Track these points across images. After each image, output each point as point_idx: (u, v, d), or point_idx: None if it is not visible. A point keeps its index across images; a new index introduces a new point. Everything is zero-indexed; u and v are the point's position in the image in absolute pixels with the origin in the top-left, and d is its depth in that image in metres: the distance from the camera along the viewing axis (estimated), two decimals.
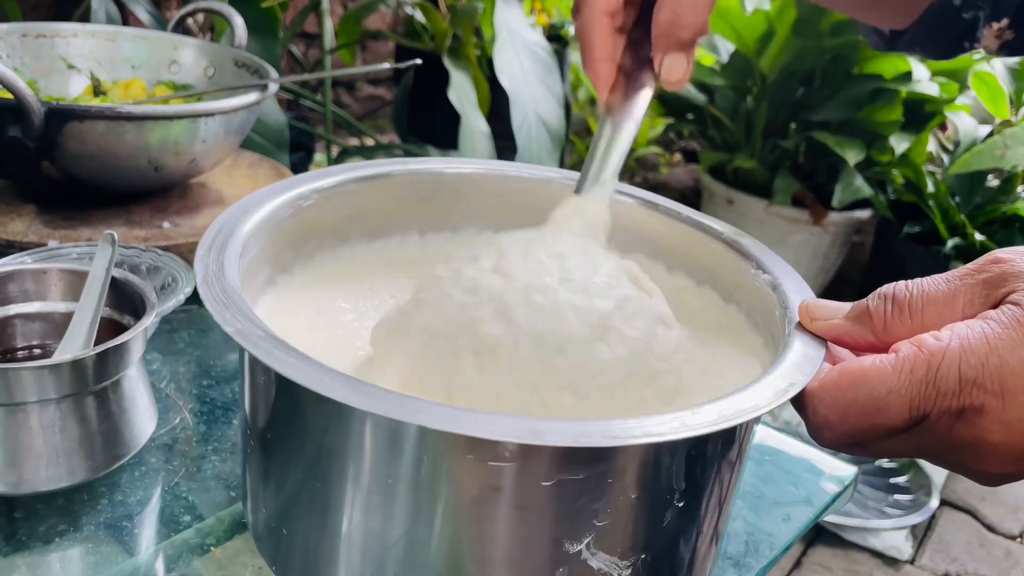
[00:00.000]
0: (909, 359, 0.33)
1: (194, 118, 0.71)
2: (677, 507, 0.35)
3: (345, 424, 0.33)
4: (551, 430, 0.30)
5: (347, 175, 0.49)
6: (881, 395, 0.33)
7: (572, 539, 0.33)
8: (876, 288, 0.37)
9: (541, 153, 1.49)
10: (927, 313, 0.35)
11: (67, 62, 0.86)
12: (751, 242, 0.47)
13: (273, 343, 0.32)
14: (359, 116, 2.63)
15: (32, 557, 0.42)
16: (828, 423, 0.35)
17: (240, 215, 0.42)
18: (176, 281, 0.57)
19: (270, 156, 1.12)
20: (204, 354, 0.62)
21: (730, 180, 2.21)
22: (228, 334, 0.32)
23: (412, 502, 0.33)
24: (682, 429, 0.31)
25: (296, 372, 0.30)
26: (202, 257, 0.37)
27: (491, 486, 0.32)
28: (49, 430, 0.42)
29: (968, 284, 0.35)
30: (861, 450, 0.36)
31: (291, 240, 0.47)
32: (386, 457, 0.33)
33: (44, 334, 0.50)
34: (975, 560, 1.51)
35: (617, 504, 0.33)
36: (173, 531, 0.45)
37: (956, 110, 1.95)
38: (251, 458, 0.39)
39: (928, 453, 0.35)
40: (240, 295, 0.35)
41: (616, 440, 0.30)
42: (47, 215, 0.72)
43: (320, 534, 0.36)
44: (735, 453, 0.37)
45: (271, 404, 0.36)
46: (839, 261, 2.22)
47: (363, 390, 0.30)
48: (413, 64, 0.91)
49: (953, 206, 1.89)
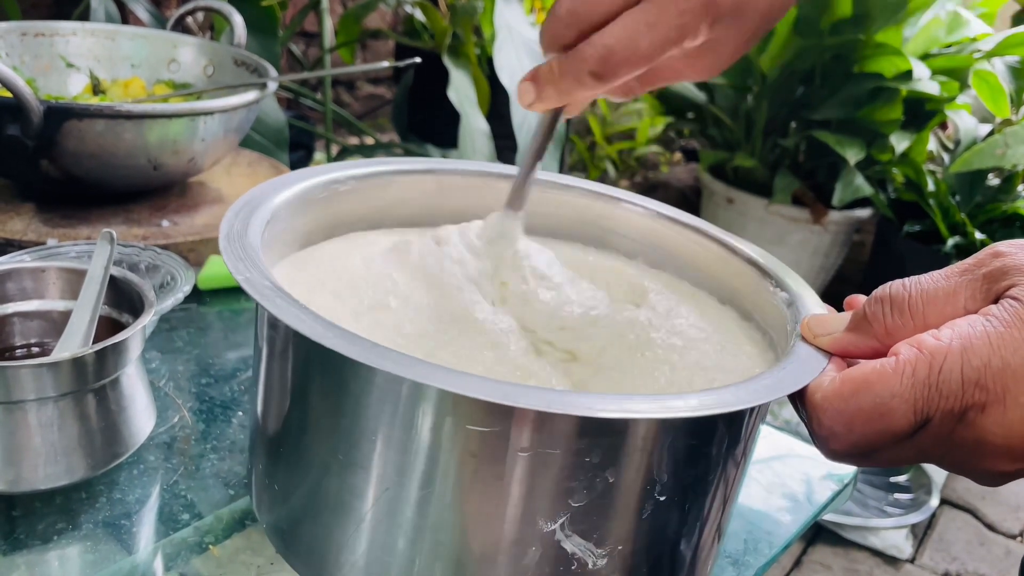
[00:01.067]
0: (910, 361, 0.32)
1: (193, 117, 0.71)
2: (658, 500, 0.34)
3: (332, 372, 0.34)
4: (525, 395, 0.30)
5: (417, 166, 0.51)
6: (884, 400, 0.32)
7: (547, 517, 0.33)
8: (875, 287, 0.37)
9: None
10: (928, 312, 0.35)
11: (66, 61, 0.86)
12: (773, 261, 0.47)
13: (277, 293, 0.33)
14: (359, 115, 2.62)
15: (31, 555, 0.42)
16: (834, 433, 0.34)
17: (274, 189, 0.44)
18: (175, 279, 0.57)
19: (270, 155, 1.12)
20: (203, 353, 0.62)
21: (730, 179, 2.21)
22: (239, 284, 0.34)
23: (388, 459, 0.33)
24: (660, 411, 0.31)
25: (296, 320, 0.32)
26: (229, 218, 0.40)
27: (469, 451, 0.32)
28: (47, 428, 0.42)
29: (968, 279, 0.35)
30: (868, 461, 0.35)
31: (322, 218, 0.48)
32: (367, 408, 0.33)
33: (42, 332, 0.50)
34: (975, 559, 1.51)
35: (594, 486, 0.33)
36: (172, 529, 0.45)
37: (956, 109, 1.95)
38: (260, 433, 0.40)
39: (931, 456, 0.34)
40: (257, 252, 0.37)
41: (590, 412, 0.30)
42: (46, 214, 0.72)
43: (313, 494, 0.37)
44: (728, 452, 0.36)
45: (277, 360, 0.38)
46: (839, 260, 2.22)
47: (350, 338, 0.31)
48: (412, 62, 0.91)
49: (953, 205, 1.89)
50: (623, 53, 0.38)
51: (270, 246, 0.42)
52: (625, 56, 0.38)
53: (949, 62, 1.92)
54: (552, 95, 0.42)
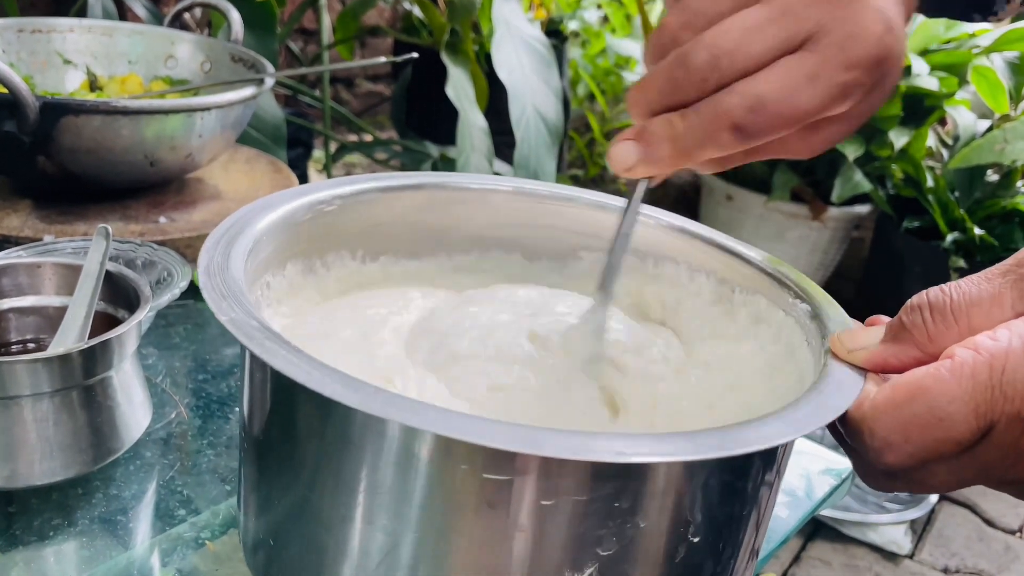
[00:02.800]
0: (968, 363, 0.30)
1: (190, 113, 0.71)
2: (692, 542, 0.32)
3: (333, 421, 0.32)
4: (551, 441, 0.28)
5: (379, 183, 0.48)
6: (942, 405, 0.30)
7: (574, 568, 0.31)
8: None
9: (539, 148, 1.48)
10: (973, 315, 0.32)
11: (63, 57, 0.86)
12: (793, 272, 0.45)
13: (266, 334, 0.31)
14: (358, 112, 2.62)
15: (27, 552, 0.42)
16: (889, 444, 0.31)
17: (255, 214, 0.41)
18: (172, 276, 0.57)
19: (267, 152, 1.12)
20: (200, 349, 0.62)
21: (729, 176, 2.21)
22: (222, 323, 0.32)
23: (395, 512, 0.31)
24: (692, 452, 0.28)
25: (286, 364, 0.29)
26: (208, 249, 0.36)
27: (487, 502, 0.30)
28: (43, 424, 0.42)
29: (1013, 279, 0.32)
30: (923, 481, 0.32)
31: (308, 243, 0.45)
32: (371, 460, 0.31)
33: (38, 328, 0.50)
34: (974, 555, 1.51)
35: (624, 532, 0.31)
36: (168, 525, 0.45)
37: (955, 105, 1.95)
38: (246, 463, 0.38)
39: (994, 472, 0.31)
40: (241, 287, 0.34)
41: (621, 457, 0.27)
42: (43, 210, 0.72)
43: (308, 539, 0.35)
44: (762, 482, 0.34)
45: (267, 404, 0.35)
46: (838, 256, 2.22)
47: (352, 385, 0.29)
48: (410, 58, 0.91)
49: (952, 201, 1.88)
50: (776, 107, 0.33)
51: (254, 277, 0.39)
52: (778, 111, 0.33)
53: (948, 58, 1.92)
54: (667, 155, 0.35)
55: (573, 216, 0.50)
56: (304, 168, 2.02)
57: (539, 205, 0.50)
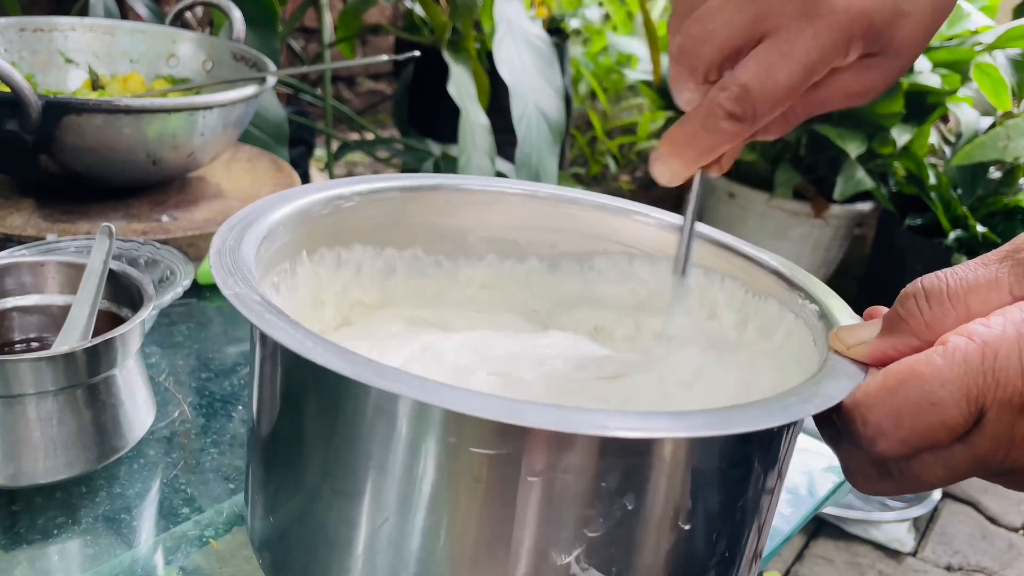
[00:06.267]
0: (960, 349, 0.30)
1: (192, 111, 0.71)
2: (683, 529, 0.32)
3: (327, 390, 0.32)
4: (533, 412, 0.28)
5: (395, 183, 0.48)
6: (934, 389, 0.30)
7: (560, 549, 0.31)
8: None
9: (541, 146, 1.48)
10: (971, 300, 0.32)
11: (65, 56, 0.86)
12: (801, 273, 0.44)
13: (268, 308, 0.32)
14: (359, 111, 2.62)
15: (31, 550, 0.42)
16: (881, 430, 0.31)
17: (272, 204, 0.42)
18: (174, 274, 0.57)
19: (269, 150, 1.12)
20: (203, 347, 0.62)
21: (731, 173, 2.20)
22: (228, 298, 0.32)
23: (385, 486, 0.31)
24: (683, 429, 0.28)
25: (284, 335, 0.30)
26: (223, 232, 0.38)
27: (473, 476, 0.30)
28: (47, 422, 0.42)
29: (1011, 265, 0.32)
30: (918, 476, 0.32)
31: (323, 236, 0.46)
32: (359, 429, 0.31)
33: (42, 327, 0.50)
34: (977, 552, 1.51)
35: (612, 514, 0.30)
36: (172, 523, 0.45)
37: (958, 102, 1.94)
38: (254, 453, 0.39)
39: (990, 463, 0.31)
40: (250, 267, 0.35)
41: (604, 431, 0.27)
42: (45, 209, 0.72)
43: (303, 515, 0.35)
44: (760, 473, 0.34)
45: (275, 385, 0.36)
46: (841, 254, 2.21)
47: (343, 355, 0.29)
48: (412, 56, 0.91)
49: (955, 198, 1.88)
50: (760, 89, 0.35)
51: (266, 262, 0.40)
52: (763, 92, 0.35)
53: (950, 55, 1.92)
54: (692, 155, 0.38)
55: (589, 220, 0.51)
56: (306, 167, 2.02)
57: (554, 208, 0.51)
